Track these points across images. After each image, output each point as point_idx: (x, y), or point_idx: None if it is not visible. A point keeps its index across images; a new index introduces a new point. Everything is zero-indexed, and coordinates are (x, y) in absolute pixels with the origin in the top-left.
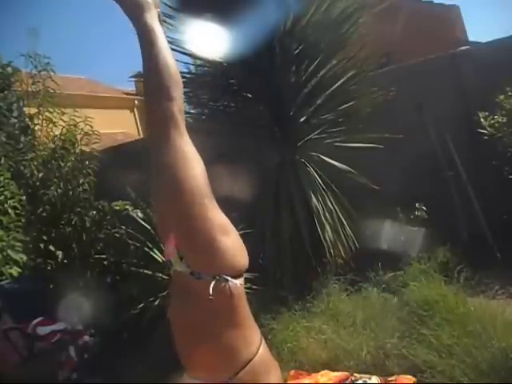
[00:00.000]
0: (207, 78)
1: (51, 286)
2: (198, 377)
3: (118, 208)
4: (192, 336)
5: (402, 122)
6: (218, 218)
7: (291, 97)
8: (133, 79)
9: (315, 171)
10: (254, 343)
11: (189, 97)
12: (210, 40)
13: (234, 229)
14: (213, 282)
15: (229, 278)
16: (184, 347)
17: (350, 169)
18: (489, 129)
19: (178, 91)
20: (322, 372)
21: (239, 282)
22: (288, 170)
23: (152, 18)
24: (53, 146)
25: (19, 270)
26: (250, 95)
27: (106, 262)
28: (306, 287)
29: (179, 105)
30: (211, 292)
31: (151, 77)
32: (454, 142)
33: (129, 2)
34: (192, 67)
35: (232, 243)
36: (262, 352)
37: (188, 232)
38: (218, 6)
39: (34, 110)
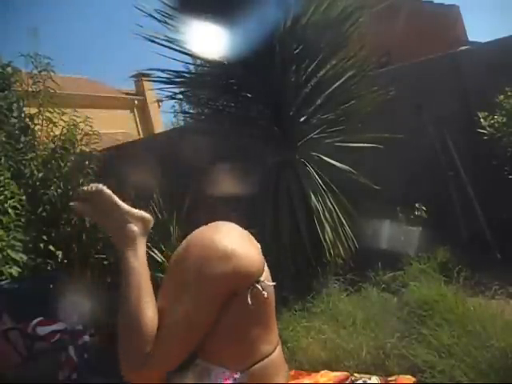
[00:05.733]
0: (207, 78)
1: (51, 286)
2: (213, 362)
3: None
4: (219, 326)
5: (402, 122)
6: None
7: (291, 97)
8: (133, 79)
9: (315, 171)
10: (271, 343)
11: (189, 97)
12: (210, 40)
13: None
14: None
15: (260, 285)
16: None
17: (350, 169)
18: (489, 129)
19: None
20: (322, 372)
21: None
22: (288, 169)
23: (134, 256)
24: (53, 145)
25: (19, 270)
26: (249, 95)
27: (105, 262)
28: (306, 287)
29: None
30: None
31: (123, 331)
32: (454, 142)
33: (116, 233)
34: (192, 67)
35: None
36: (277, 354)
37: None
38: (217, 6)
39: (34, 110)
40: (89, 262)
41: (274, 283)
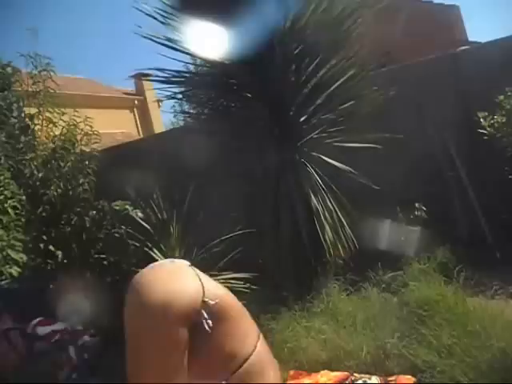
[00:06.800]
0: (207, 78)
1: (51, 286)
2: (196, 377)
3: (117, 208)
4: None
5: (402, 122)
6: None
7: (291, 96)
8: (133, 79)
9: (315, 171)
10: (250, 342)
11: (189, 97)
12: (210, 40)
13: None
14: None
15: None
16: None
17: (350, 169)
18: (488, 129)
19: None
20: (322, 372)
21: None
22: (288, 169)
23: None
24: (53, 145)
25: (19, 270)
26: (249, 95)
27: (105, 262)
28: (305, 287)
29: None
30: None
31: None
32: (454, 142)
33: None
34: (192, 67)
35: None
36: (260, 350)
37: None
38: (218, 6)
39: (34, 110)
40: (89, 261)
41: (221, 294)
